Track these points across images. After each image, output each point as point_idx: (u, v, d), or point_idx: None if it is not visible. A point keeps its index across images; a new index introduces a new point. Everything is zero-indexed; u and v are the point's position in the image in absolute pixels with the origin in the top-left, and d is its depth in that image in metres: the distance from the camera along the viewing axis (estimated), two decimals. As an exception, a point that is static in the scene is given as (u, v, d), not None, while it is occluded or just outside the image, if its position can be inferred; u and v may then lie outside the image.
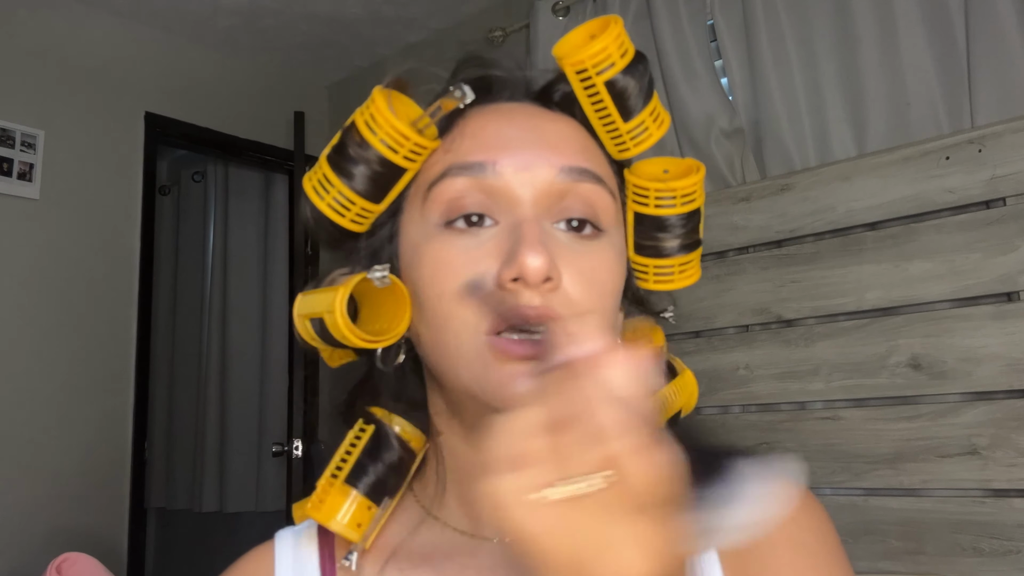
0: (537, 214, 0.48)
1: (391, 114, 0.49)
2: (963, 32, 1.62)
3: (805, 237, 1.60)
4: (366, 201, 0.51)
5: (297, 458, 2.60)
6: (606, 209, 0.51)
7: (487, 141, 0.50)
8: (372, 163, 0.50)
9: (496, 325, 0.46)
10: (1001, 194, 1.37)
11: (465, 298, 0.47)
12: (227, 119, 2.93)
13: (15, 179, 2.38)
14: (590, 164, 0.51)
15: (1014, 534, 1.29)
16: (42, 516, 2.33)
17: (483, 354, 0.46)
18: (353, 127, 0.50)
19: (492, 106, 0.53)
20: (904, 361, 1.44)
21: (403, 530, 0.55)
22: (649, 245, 0.55)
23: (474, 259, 0.47)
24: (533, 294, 0.46)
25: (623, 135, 0.53)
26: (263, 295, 3.38)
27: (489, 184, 0.49)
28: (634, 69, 0.52)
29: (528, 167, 0.49)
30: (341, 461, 0.53)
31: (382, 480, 0.52)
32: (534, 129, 0.51)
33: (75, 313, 2.48)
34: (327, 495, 0.52)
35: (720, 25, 1.99)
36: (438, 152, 0.51)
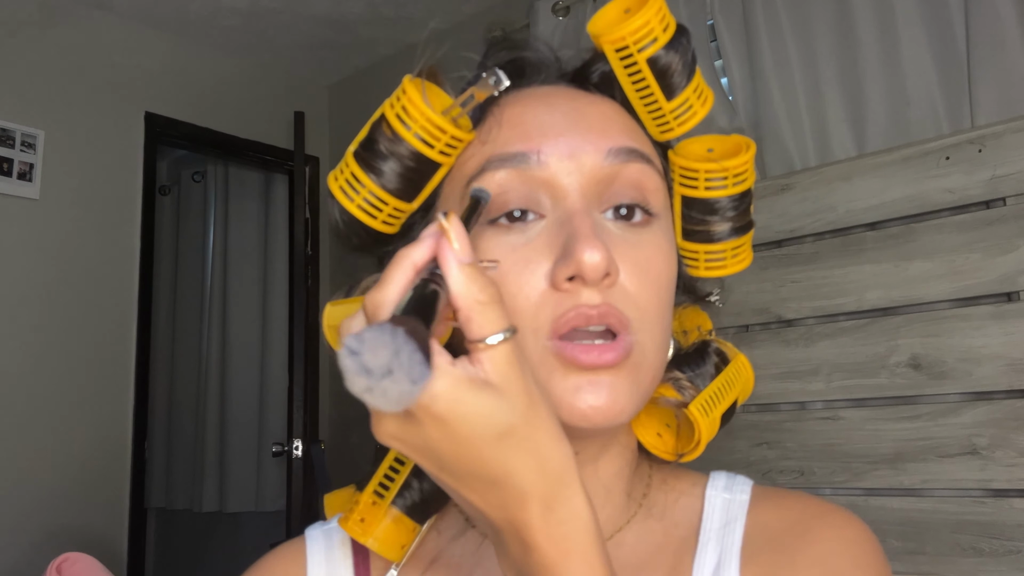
0: (586, 204, 0.45)
1: (426, 106, 0.45)
2: (963, 32, 1.62)
3: (805, 237, 1.60)
4: (398, 200, 0.47)
5: (297, 458, 2.60)
6: (656, 191, 0.48)
7: (527, 129, 0.47)
8: (404, 159, 0.46)
9: (558, 329, 0.43)
10: (1001, 194, 1.37)
11: (519, 301, 0.43)
12: (227, 119, 2.93)
13: (15, 179, 2.38)
14: (637, 143, 0.48)
15: (1014, 534, 1.29)
16: (42, 516, 2.33)
17: (547, 361, 0.43)
18: (384, 121, 0.47)
19: (527, 91, 0.50)
20: (904, 361, 1.44)
21: (443, 538, 0.52)
22: (700, 230, 0.52)
23: (524, 257, 0.44)
24: (593, 292, 0.43)
25: (666, 115, 0.50)
26: (263, 295, 3.38)
27: (533, 175, 0.45)
28: (677, 44, 0.48)
29: (573, 154, 0.46)
30: (387, 479, 0.49)
31: (428, 500, 0.49)
32: (575, 112, 0.48)
33: (75, 313, 2.48)
34: (371, 515, 0.49)
35: (720, 25, 1.99)
36: (474, 144, 0.48)
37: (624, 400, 0.43)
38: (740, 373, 0.54)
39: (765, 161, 1.89)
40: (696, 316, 0.57)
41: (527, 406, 0.34)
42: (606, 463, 0.50)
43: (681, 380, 0.51)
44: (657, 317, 0.46)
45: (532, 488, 0.34)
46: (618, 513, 0.51)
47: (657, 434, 0.53)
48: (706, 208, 0.51)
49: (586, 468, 0.49)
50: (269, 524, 3.14)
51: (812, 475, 1.52)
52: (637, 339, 0.44)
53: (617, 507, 0.51)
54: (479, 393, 0.32)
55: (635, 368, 0.44)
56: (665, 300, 0.47)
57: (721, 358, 0.54)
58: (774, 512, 0.51)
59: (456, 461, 0.34)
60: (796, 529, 0.49)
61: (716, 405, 0.51)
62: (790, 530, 0.49)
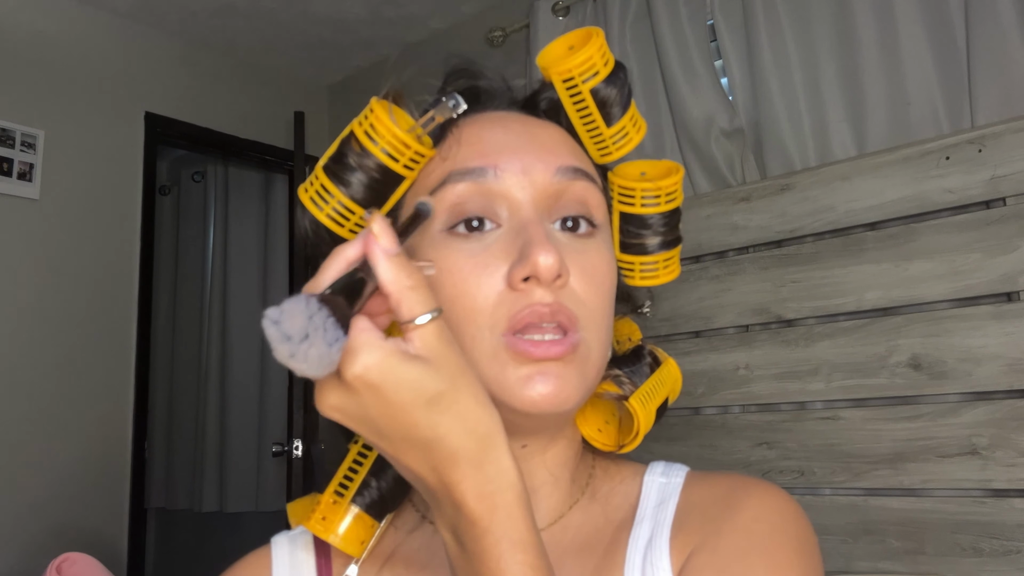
0: (538, 215, 0.50)
1: (392, 124, 0.50)
2: (963, 32, 1.62)
3: (805, 237, 1.60)
4: (363, 209, 0.52)
5: (297, 458, 2.60)
6: (598, 206, 0.53)
7: (485, 147, 0.52)
8: (371, 171, 0.51)
9: (513, 325, 0.47)
10: (1001, 194, 1.37)
11: (479, 301, 0.48)
12: (227, 119, 2.93)
13: (15, 179, 2.38)
14: (581, 164, 0.54)
15: (1014, 534, 1.29)
16: (42, 516, 2.33)
17: (500, 354, 0.47)
18: (352, 137, 0.51)
19: (484, 115, 0.56)
20: (904, 361, 1.44)
21: (399, 534, 0.56)
22: (635, 243, 0.58)
23: (482, 262, 0.49)
24: (545, 292, 0.47)
25: (606, 140, 0.56)
26: (263, 295, 3.38)
27: (490, 188, 0.50)
28: (615, 78, 0.55)
29: (526, 170, 0.51)
30: (346, 479, 0.53)
31: (386, 498, 0.53)
32: (527, 134, 0.53)
33: (75, 313, 2.48)
34: (332, 513, 0.52)
35: (720, 25, 1.99)
36: (435, 160, 0.53)
37: (570, 389, 0.47)
38: (671, 373, 0.59)
39: (765, 161, 1.89)
40: (627, 327, 0.63)
41: (455, 375, 0.38)
42: (553, 454, 0.55)
43: (621, 377, 0.56)
44: (602, 318, 0.51)
45: (461, 449, 0.38)
46: (564, 499, 0.56)
47: (598, 429, 0.58)
48: (641, 223, 0.57)
49: (535, 459, 0.54)
50: (269, 524, 3.13)
51: (812, 475, 1.52)
52: (583, 336, 0.49)
53: (563, 494, 0.56)
54: (410, 364, 0.37)
55: (582, 362, 0.49)
56: (608, 303, 0.52)
57: (654, 359, 0.59)
58: (705, 489, 0.55)
59: (391, 427, 0.38)
60: (723, 501, 0.53)
61: (652, 399, 0.56)
62: (717, 502, 0.53)
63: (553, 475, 0.55)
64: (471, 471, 0.38)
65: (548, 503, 0.55)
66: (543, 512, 0.55)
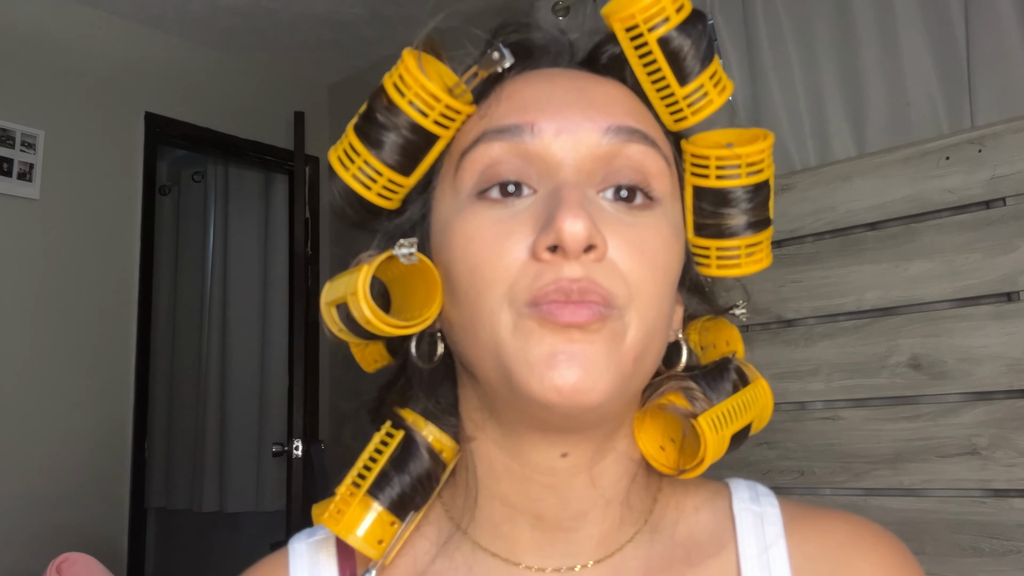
0: (579, 180, 0.43)
1: (421, 74, 0.44)
2: (963, 32, 1.62)
3: (805, 237, 1.60)
4: (394, 173, 0.46)
5: (297, 458, 2.60)
6: (659, 175, 0.45)
7: (525, 103, 0.45)
8: (401, 129, 0.45)
9: (536, 300, 0.40)
10: (1001, 194, 1.37)
11: (499, 271, 0.42)
12: (227, 119, 2.93)
13: (15, 179, 2.38)
14: (640, 124, 0.46)
15: (1014, 534, 1.29)
16: (42, 516, 2.33)
17: (521, 325, 0.41)
18: (381, 90, 0.46)
19: (533, 71, 0.48)
20: (904, 361, 1.44)
21: (431, 547, 0.50)
22: (711, 224, 0.48)
23: (508, 228, 0.42)
24: (574, 265, 0.40)
25: (679, 101, 0.47)
26: (263, 295, 3.38)
27: (527, 148, 0.44)
28: (691, 27, 0.46)
29: (570, 129, 0.44)
30: (364, 468, 0.47)
31: (408, 494, 0.47)
32: (577, 90, 0.46)
33: (75, 313, 2.48)
34: (347, 506, 0.47)
35: (720, 25, 1.99)
36: (473, 119, 0.46)
37: (597, 374, 0.40)
38: (758, 398, 0.50)
39: (765, 161, 1.89)
40: (724, 331, 0.54)
41: None
42: (603, 469, 0.47)
43: (694, 391, 0.47)
44: (649, 297, 0.42)
45: None
46: (618, 528, 0.48)
47: (660, 447, 0.49)
48: (718, 199, 0.47)
49: (580, 476, 0.46)
50: (269, 524, 3.14)
51: (812, 475, 1.52)
52: (618, 312, 0.41)
53: (617, 521, 0.48)
54: None
55: (614, 338, 0.41)
56: (661, 284, 0.43)
57: (741, 377, 0.50)
58: (816, 537, 0.49)
59: None
60: (840, 559, 0.47)
61: (728, 424, 0.47)
62: (833, 556, 0.47)
63: (605, 497, 0.47)
64: None
65: (597, 532, 0.47)
66: (592, 545, 0.47)
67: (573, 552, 0.47)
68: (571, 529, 0.47)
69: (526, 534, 0.47)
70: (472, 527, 0.49)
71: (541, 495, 0.46)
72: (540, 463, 0.46)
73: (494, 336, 0.42)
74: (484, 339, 0.42)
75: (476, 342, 0.43)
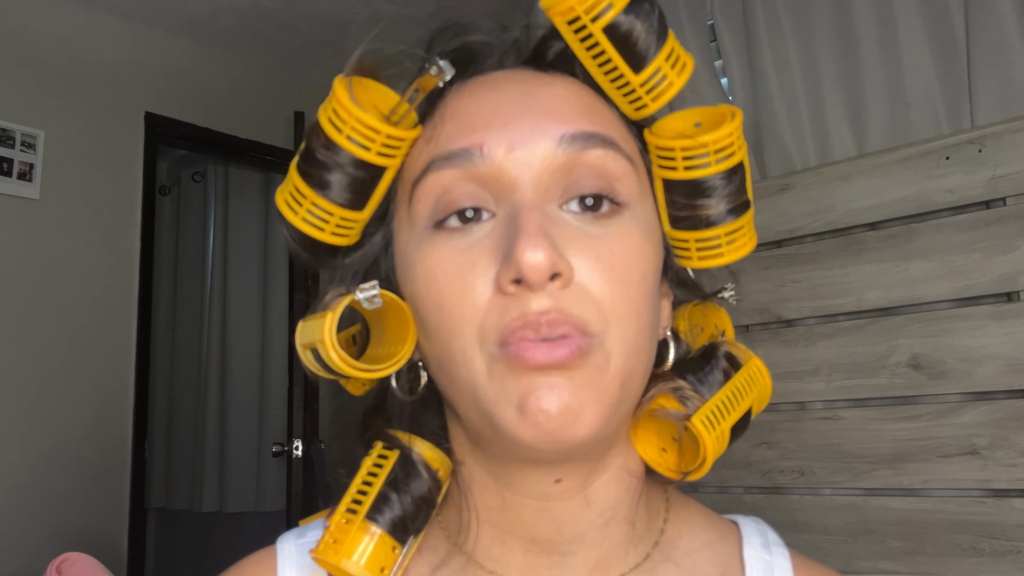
0: (538, 198, 0.40)
1: (355, 106, 0.41)
2: (963, 32, 1.62)
3: (805, 237, 1.60)
4: (345, 210, 0.43)
5: (297, 458, 2.60)
6: (624, 177, 0.42)
7: (471, 121, 0.42)
8: (345, 166, 0.42)
9: (505, 338, 0.38)
10: (1001, 194, 1.37)
11: (466, 309, 0.40)
12: (227, 119, 2.93)
13: (15, 179, 2.38)
14: (597, 127, 0.43)
15: (1014, 534, 1.29)
16: (42, 516, 2.33)
17: (494, 369, 0.39)
18: (317, 126, 0.43)
19: (478, 79, 0.45)
20: (904, 361, 1.44)
21: (427, 568, 0.47)
22: (686, 216, 0.45)
23: (469, 261, 0.40)
24: (541, 297, 0.38)
25: (636, 89, 0.43)
26: (263, 295, 3.38)
27: (478, 172, 0.41)
28: (638, 6, 0.42)
29: (521, 143, 0.41)
30: (359, 494, 0.44)
31: (410, 514, 0.44)
32: (525, 96, 0.43)
33: (75, 313, 2.48)
34: (344, 534, 0.43)
35: (720, 25, 1.99)
36: (420, 142, 0.43)
37: (581, 406, 0.38)
38: (755, 380, 0.47)
39: (765, 161, 1.89)
40: (712, 314, 0.51)
41: None
42: (599, 489, 0.44)
43: (684, 389, 0.45)
44: (627, 316, 0.40)
45: None
46: (622, 549, 0.45)
47: (662, 449, 0.46)
48: (690, 190, 0.44)
49: (575, 499, 0.43)
50: (269, 524, 3.14)
51: (812, 475, 1.52)
52: (596, 340, 0.39)
53: (620, 542, 0.45)
54: None
55: (597, 371, 0.39)
56: (636, 296, 0.41)
57: (731, 363, 0.47)
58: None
59: None
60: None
61: (724, 417, 0.44)
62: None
63: (603, 520, 0.44)
64: None
65: (595, 555, 0.44)
66: (587, 569, 0.44)
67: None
68: (567, 553, 0.44)
69: (519, 558, 0.45)
70: (468, 545, 0.47)
71: (534, 520, 0.44)
72: (532, 490, 0.44)
73: (470, 378, 0.40)
74: (460, 381, 0.41)
75: (453, 383, 0.42)
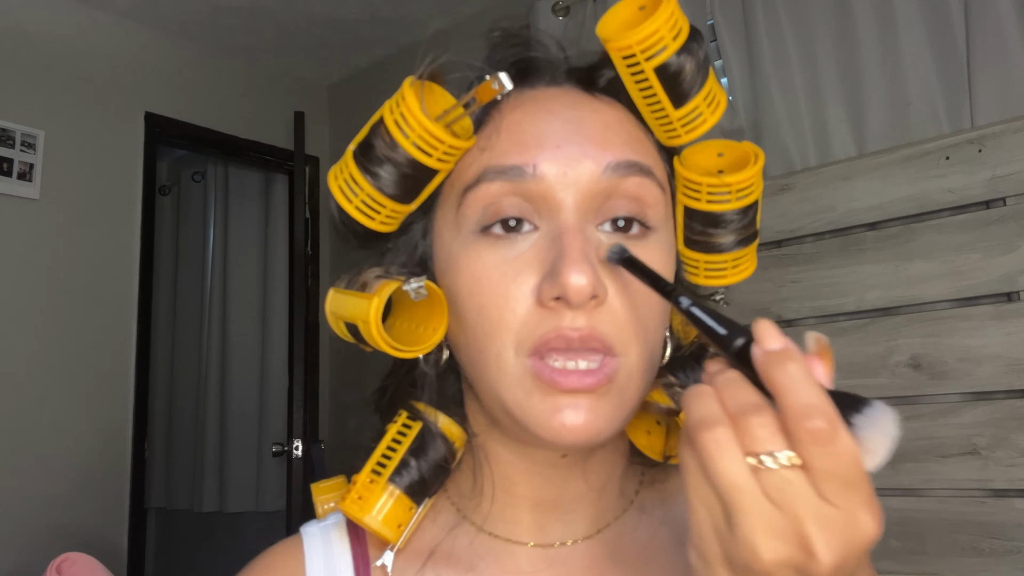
0: (579, 220, 0.45)
1: (424, 115, 0.45)
2: (963, 32, 1.62)
3: (805, 237, 1.60)
4: (396, 203, 0.48)
5: (297, 458, 2.59)
6: (655, 204, 0.47)
7: (525, 139, 0.46)
8: (402, 166, 0.46)
9: (538, 348, 0.43)
10: (1001, 194, 1.37)
11: (505, 315, 0.44)
12: (227, 119, 2.93)
13: (15, 179, 2.38)
14: (638, 156, 0.47)
15: (1014, 534, 1.29)
16: (42, 516, 2.33)
17: (525, 380, 0.44)
18: (383, 126, 0.46)
19: (531, 93, 0.49)
20: (904, 361, 1.44)
21: (440, 531, 0.53)
22: (701, 240, 0.50)
23: (513, 269, 0.44)
24: (577, 314, 0.43)
25: (674, 123, 0.48)
26: (263, 295, 3.38)
27: (528, 189, 0.45)
28: (688, 51, 0.46)
29: (570, 167, 0.45)
30: (384, 458, 0.50)
31: (426, 480, 0.50)
32: (575, 121, 0.47)
33: (75, 313, 2.48)
34: (369, 492, 0.49)
35: (720, 25, 1.99)
36: (473, 151, 0.47)
37: (603, 422, 0.43)
38: None
39: (765, 161, 1.89)
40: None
41: None
42: (594, 465, 0.51)
43: (674, 385, 0.50)
44: (646, 336, 0.45)
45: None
46: (609, 509, 0.53)
47: (647, 431, 0.53)
48: (708, 220, 0.49)
49: (575, 468, 0.50)
50: (269, 524, 3.14)
51: (812, 475, 1.52)
52: (622, 361, 0.44)
53: (609, 504, 0.53)
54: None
55: (619, 391, 0.44)
56: (655, 317, 0.46)
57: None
58: None
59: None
60: None
61: None
62: None
63: (596, 485, 0.51)
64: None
65: (590, 513, 0.52)
66: (585, 523, 0.52)
67: (570, 531, 0.51)
68: (568, 511, 0.51)
69: (527, 517, 0.51)
70: (477, 515, 0.53)
71: (542, 485, 0.51)
72: (542, 460, 0.50)
73: (499, 379, 0.45)
74: (488, 378, 0.46)
75: (482, 378, 0.47)
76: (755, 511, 0.32)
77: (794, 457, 0.32)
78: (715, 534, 0.34)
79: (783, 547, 0.32)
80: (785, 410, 0.33)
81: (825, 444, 0.32)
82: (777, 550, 0.32)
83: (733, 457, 0.33)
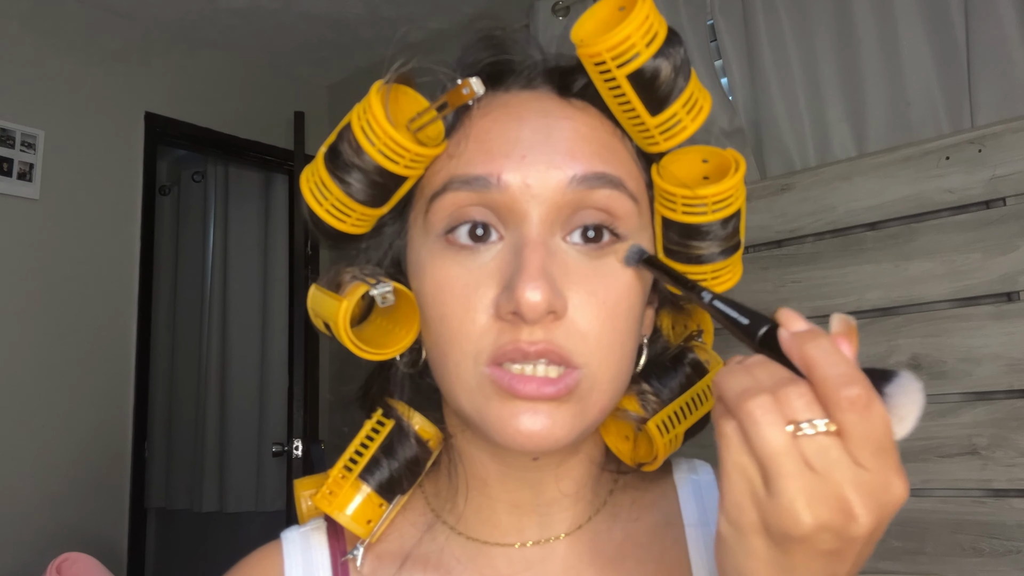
0: (544, 232, 0.44)
1: (388, 123, 0.44)
2: (963, 32, 1.62)
3: (805, 237, 1.60)
4: (366, 208, 0.48)
5: (297, 458, 2.59)
6: (626, 215, 0.46)
7: (491, 148, 0.45)
8: (370, 172, 0.46)
9: (497, 358, 0.43)
10: (1001, 194, 1.37)
11: (465, 325, 0.44)
12: (227, 119, 2.93)
13: (15, 179, 2.38)
14: (608, 167, 0.46)
15: (1014, 534, 1.29)
16: (42, 516, 2.33)
17: (484, 387, 0.44)
18: (349, 131, 0.46)
19: (503, 97, 0.48)
20: (904, 361, 1.44)
21: (415, 532, 0.53)
22: (678, 251, 0.48)
23: (476, 280, 0.44)
24: (534, 329, 0.43)
25: (651, 130, 0.46)
26: (263, 295, 3.38)
27: (493, 199, 0.45)
28: (663, 56, 0.44)
29: (535, 179, 0.44)
30: (356, 454, 0.51)
31: (396, 478, 0.51)
32: (545, 130, 0.46)
33: (75, 313, 2.48)
34: (339, 488, 0.50)
35: (720, 25, 1.99)
36: (443, 157, 0.47)
37: (561, 429, 0.43)
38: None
39: (765, 161, 1.89)
40: (695, 312, 0.55)
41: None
42: (567, 470, 0.51)
43: (647, 393, 0.51)
44: (611, 347, 0.45)
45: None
46: (584, 511, 0.53)
47: (625, 436, 0.53)
48: (684, 232, 0.47)
49: (547, 472, 0.50)
50: (269, 524, 3.14)
51: (812, 475, 1.52)
52: (584, 372, 0.44)
53: (583, 506, 0.53)
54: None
55: (580, 400, 0.44)
56: (623, 328, 0.45)
57: (696, 370, 0.52)
58: None
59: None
60: None
61: (679, 422, 0.50)
62: None
63: (570, 490, 0.51)
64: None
65: (564, 516, 0.52)
66: (560, 525, 0.52)
67: (546, 534, 0.52)
68: (544, 514, 0.52)
69: (504, 519, 0.52)
70: (452, 517, 0.53)
71: (517, 487, 0.51)
72: (514, 463, 0.50)
73: (459, 386, 0.45)
74: (450, 384, 0.46)
75: (443, 382, 0.47)
76: (798, 476, 0.33)
77: (831, 424, 0.33)
78: (753, 502, 0.34)
79: (825, 511, 0.33)
80: (821, 381, 0.34)
81: (862, 411, 0.33)
82: (819, 514, 0.33)
83: (776, 423, 0.33)
